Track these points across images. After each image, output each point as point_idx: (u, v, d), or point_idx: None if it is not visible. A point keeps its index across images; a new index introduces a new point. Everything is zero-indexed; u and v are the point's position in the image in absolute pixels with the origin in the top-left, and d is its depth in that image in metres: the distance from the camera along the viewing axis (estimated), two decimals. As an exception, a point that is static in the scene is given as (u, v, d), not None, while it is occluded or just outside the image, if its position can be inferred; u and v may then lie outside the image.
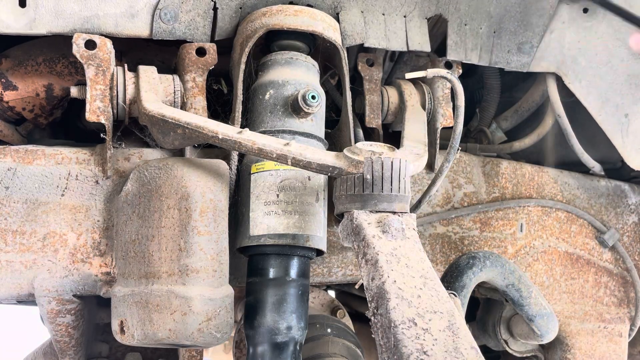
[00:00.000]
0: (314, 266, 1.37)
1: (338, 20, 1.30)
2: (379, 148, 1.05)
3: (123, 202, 1.15)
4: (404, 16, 1.34)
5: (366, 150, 1.03)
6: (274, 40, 1.27)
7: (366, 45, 1.33)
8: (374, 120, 1.39)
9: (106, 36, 1.18)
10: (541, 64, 1.46)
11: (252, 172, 1.16)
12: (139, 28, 1.21)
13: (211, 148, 1.28)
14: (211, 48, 1.25)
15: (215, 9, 1.24)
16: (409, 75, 1.17)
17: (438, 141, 1.41)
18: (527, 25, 1.40)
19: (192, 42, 1.25)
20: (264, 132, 1.16)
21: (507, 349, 1.66)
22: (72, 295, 1.22)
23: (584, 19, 1.44)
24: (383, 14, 1.32)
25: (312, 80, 1.24)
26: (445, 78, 1.17)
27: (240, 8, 1.25)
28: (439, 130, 1.40)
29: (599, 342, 1.63)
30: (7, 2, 1.15)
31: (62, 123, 1.48)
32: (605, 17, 1.44)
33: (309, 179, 1.15)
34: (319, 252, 1.20)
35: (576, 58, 1.47)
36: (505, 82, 1.71)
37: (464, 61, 1.41)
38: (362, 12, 1.30)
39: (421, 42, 1.36)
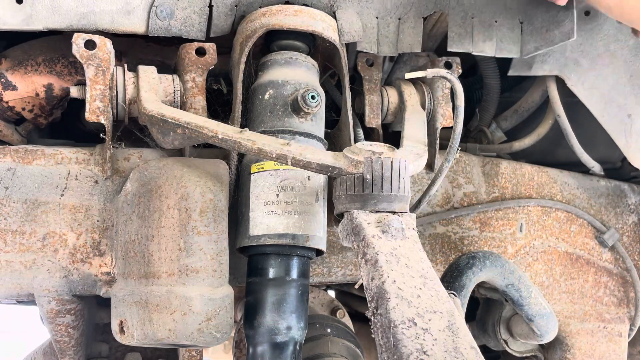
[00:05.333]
0: (313, 266, 1.37)
1: (335, 19, 1.29)
2: (379, 148, 1.05)
3: (123, 202, 1.15)
4: (399, 18, 1.33)
5: (366, 150, 1.03)
6: (274, 40, 1.27)
7: (358, 49, 1.33)
8: (373, 120, 1.39)
9: (102, 32, 1.18)
10: (544, 67, 1.46)
11: (251, 172, 1.16)
12: (135, 25, 1.21)
13: (211, 148, 1.28)
14: (211, 48, 1.25)
15: (210, 6, 1.24)
16: (408, 75, 1.17)
17: (438, 141, 1.41)
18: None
19: (188, 39, 1.25)
20: (263, 132, 1.16)
21: (507, 348, 1.66)
22: (72, 295, 1.22)
23: (585, 22, 1.43)
24: (377, 17, 1.32)
25: (312, 80, 1.24)
26: (445, 78, 1.17)
27: (236, 6, 1.25)
28: (438, 130, 1.40)
29: (598, 342, 1.63)
30: None
31: (62, 123, 1.48)
32: (607, 19, 1.44)
33: (309, 179, 1.15)
34: (319, 252, 1.20)
35: (578, 60, 1.47)
36: (505, 83, 1.71)
37: (473, 52, 1.39)
38: (357, 13, 1.30)
39: (411, 43, 1.35)
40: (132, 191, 1.14)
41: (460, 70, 1.43)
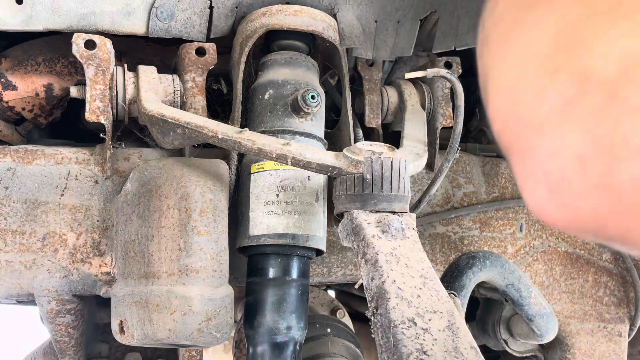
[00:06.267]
0: (313, 266, 1.37)
1: (336, 21, 1.30)
2: (379, 148, 1.05)
3: (123, 202, 1.15)
4: (398, 21, 1.32)
5: (366, 150, 1.03)
6: (274, 40, 1.27)
7: (355, 54, 1.32)
8: (373, 120, 1.39)
9: (102, 33, 1.18)
10: None
11: (251, 172, 1.16)
12: (135, 26, 1.21)
13: (211, 148, 1.28)
14: (211, 48, 1.25)
15: (211, 7, 1.24)
16: (408, 75, 1.17)
17: (438, 141, 1.41)
18: None
19: (188, 40, 1.25)
20: (263, 132, 1.16)
21: (507, 348, 1.66)
22: (72, 295, 1.22)
23: None
24: (376, 21, 1.31)
25: (312, 80, 1.24)
26: (445, 78, 1.17)
27: (236, 7, 1.25)
28: (438, 130, 1.40)
29: (598, 342, 1.63)
30: None
31: (62, 123, 1.48)
32: None
33: (309, 179, 1.15)
34: (319, 252, 1.20)
35: None
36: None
37: (456, 48, 1.36)
38: (356, 17, 1.30)
39: (404, 47, 1.35)
40: (132, 191, 1.14)
41: (461, 70, 1.43)
